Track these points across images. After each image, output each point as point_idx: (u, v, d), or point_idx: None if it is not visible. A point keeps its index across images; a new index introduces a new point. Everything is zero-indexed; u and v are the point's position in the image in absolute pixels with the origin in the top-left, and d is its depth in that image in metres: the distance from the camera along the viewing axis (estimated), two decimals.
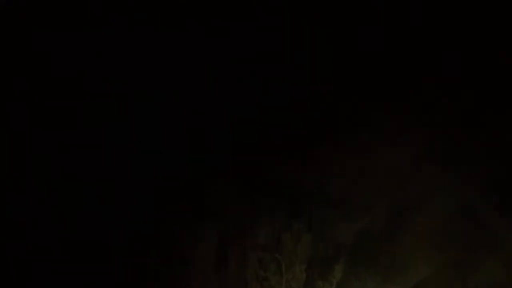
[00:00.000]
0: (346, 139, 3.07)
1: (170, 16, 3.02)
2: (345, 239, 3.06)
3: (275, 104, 2.95)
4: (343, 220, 3.07)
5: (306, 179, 3.01)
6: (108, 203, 2.93)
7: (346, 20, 2.83)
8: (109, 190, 2.95)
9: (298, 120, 2.94)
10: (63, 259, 2.87)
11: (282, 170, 2.96)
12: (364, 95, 2.99)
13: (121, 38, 2.99)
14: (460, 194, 3.05)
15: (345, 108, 3.00)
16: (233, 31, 2.93)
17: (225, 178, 2.97)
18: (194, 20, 3.04)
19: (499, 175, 3.01)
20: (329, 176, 3.05)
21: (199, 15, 3.02)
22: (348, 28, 2.89)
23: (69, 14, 2.96)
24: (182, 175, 2.97)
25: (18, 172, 3.04)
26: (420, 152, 3.03)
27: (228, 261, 3.20)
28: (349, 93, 2.99)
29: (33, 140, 3.04)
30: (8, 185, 2.99)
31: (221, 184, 3.03)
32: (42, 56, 3.00)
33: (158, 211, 2.92)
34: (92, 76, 3.04)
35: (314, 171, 2.99)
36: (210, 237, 3.11)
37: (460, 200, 3.10)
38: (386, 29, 2.88)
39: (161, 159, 2.99)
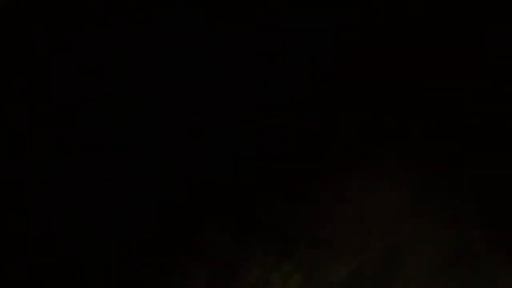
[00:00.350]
0: (339, 181, 3.09)
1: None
2: (335, 280, 3.04)
3: (270, 145, 2.97)
4: (334, 261, 3.05)
5: (298, 219, 3.02)
6: (96, 233, 2.92)
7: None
8: (95, 221, 2.93)
9: (291, 161, 2.96)
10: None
11: (274, 210, 2.97)
12: (358, 138, 3.02)
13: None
14: (455, 237, 3.04)
15: (340, 151, 3.03)
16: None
17: (216, 215, 2.97)
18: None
19: (497, 215, 3.01)
20: (322, 218, 3.05)
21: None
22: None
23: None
24: (173, 212, 2.96)
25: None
26: (414, 193, 3.05)
27: None
28: (343, 136, 3.01)
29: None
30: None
31: (211, 222, 3.02)
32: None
33: (147, 247, 2.91)
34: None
35: (306, 212, 3.00)
36: (198, 275, 3.10)
37: (455, 243, 3.08)
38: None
39: (153, 196, 2.99)
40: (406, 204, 2.99)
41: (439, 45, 3.07)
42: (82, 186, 2.95)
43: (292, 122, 3.00)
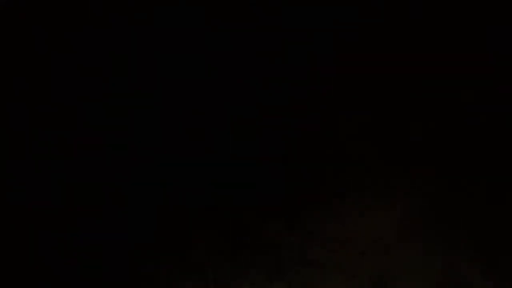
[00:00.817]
0: (333, 199, 3.11)
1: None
2: None
3: (263, 164, 2.98)
4: (326, 283, 3.06)
5: (290, 241, 3.02)
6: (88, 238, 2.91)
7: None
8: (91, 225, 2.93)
9: (285, 182, 2.97)
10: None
11: (265, 231, 2.97)
12: (350, 161, 3.03)
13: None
14: (445, 262, 3.04)
15: (332, 174, 3.04)
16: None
17: (209, 234, 2.97)
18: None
19: (486, 241, 3.01)
20: (313, 240, 3.06)
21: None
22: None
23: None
24: (164, 227, 2.96)
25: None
26: (404, 218, 3.05)
27: None
28: (335, 158, 3.03)
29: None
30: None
31: (204, 240, 3.02)
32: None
33: (137, 262, 2.90)
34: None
35: (298, 234, 3.01)
36: None
37: (445, 267, 3.08)
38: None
39: (150, 202, 2.98)
40: (400, 226, 2.98)
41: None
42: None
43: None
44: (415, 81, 3.15)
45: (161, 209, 2.87)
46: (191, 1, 3.00)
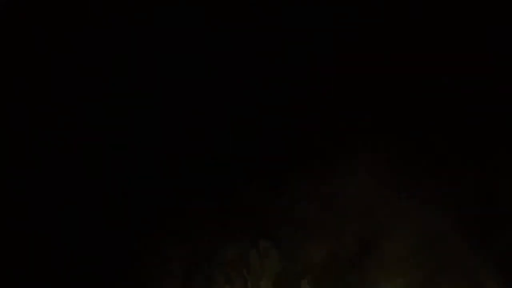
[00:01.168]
0: (318, 164, 3.11)
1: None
2: (313, 259, 3.09)
3: (250, 129, 2.99)
4: (311, 241, 3.10)
5: (276, 201, 3.04)
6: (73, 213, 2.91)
7: None
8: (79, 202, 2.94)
9: (271, 145, 2.97)
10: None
11: (251, 194, 2.99)
12: (339, 125, 3.04)
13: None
14: (429, 222, 3.08)
15: (319, 137, 3.04)
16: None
17: (195, 197, 2.99)
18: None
19: (469, 203, 3.05)
20: (300, 200, 3.09)
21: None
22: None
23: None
24: (153, 192, 2.97)
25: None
26: (392, 179, 3.07)
27: (194, 279, 3.21)
28: (323, 123, 3.03)
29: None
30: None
31: (190, 203, 3.04)
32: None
33: (124, 227, 2.91)
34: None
35: (283, 196, 3.03)
36: (177, 254, 3.13)
37: (429, 228, 3.13)
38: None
39: (133, 177, 2.99)
40: (383, 188, 2.99)
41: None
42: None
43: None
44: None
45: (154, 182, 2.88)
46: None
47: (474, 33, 2.96)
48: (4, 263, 2.87)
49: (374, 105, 3.09)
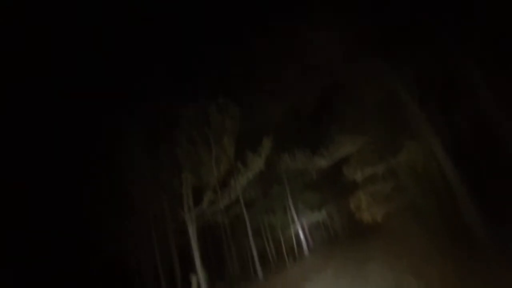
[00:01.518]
0: (280, 20, 3.06)
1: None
2: (274, 115, 3.12)
3: None
4: (272, 98, 3.12)
5: (235, 61, 3.04)
6: None
7: None
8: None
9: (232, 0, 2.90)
10: None
11: (211, 51, 2.98)
12: None
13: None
14: (387, 83, 3.09)
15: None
16: None
17: (161, 60, 2.99)
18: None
19: (428, 70, 3.05)
20: (259, 58, 3.07)
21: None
22: None
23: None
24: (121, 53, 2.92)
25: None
26: (353, 38, 3.05)
27: (159, 141, 3.23)
28: None
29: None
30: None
31: (150, 67, 3.06)
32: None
33: (94, 95, 2.88)
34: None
35: (244, 51, 3.00)
36: (141, 117, 3.14)
37: (386, 89, 3.16)
38: None
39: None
40: (346, 48, 2.95)
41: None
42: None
43: None
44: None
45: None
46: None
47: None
48: None
49: None
